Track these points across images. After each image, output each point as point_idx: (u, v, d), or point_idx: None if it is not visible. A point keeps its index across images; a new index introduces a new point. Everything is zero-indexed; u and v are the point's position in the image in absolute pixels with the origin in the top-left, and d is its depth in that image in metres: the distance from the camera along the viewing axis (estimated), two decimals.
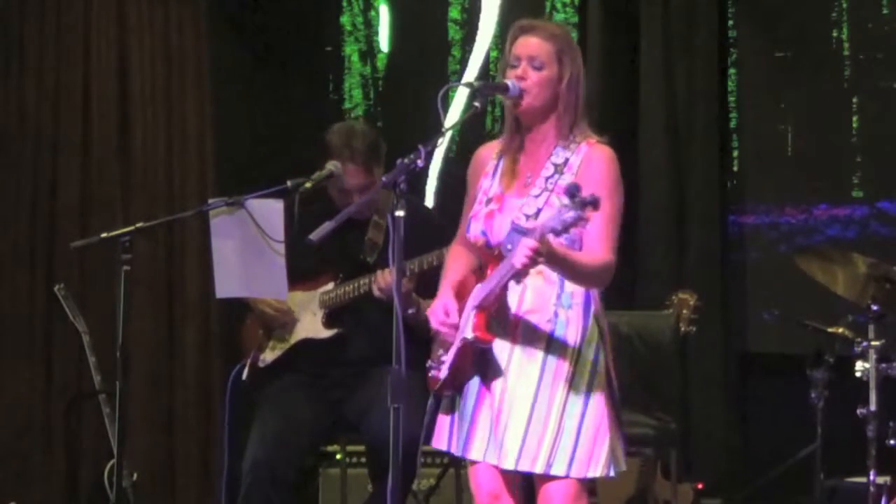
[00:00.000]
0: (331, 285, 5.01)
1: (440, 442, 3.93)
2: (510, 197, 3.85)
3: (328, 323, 5.01)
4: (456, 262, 4.01)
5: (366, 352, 4.93)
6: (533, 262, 3.53)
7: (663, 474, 5.92)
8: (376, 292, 4.78)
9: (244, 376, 5.06)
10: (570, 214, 3.37)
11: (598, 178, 3.76)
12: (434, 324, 3.84)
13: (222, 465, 5.03)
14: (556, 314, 3.78)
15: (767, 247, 6.78)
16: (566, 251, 3.63)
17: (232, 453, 4.95)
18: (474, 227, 3.89)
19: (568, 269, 3.67)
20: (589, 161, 3.80)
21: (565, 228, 3.39)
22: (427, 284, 4.53)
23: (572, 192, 3.37)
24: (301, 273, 4.93)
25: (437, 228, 4.69)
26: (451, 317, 3.81)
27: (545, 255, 3.52)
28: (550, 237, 3.49)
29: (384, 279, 4.76)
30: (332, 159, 4.93)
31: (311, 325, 5.03)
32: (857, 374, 5.02)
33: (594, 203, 3.35)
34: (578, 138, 3.83)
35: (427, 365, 3.95)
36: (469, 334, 3.75)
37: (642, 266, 6.71)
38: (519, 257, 3.53)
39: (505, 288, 3.73)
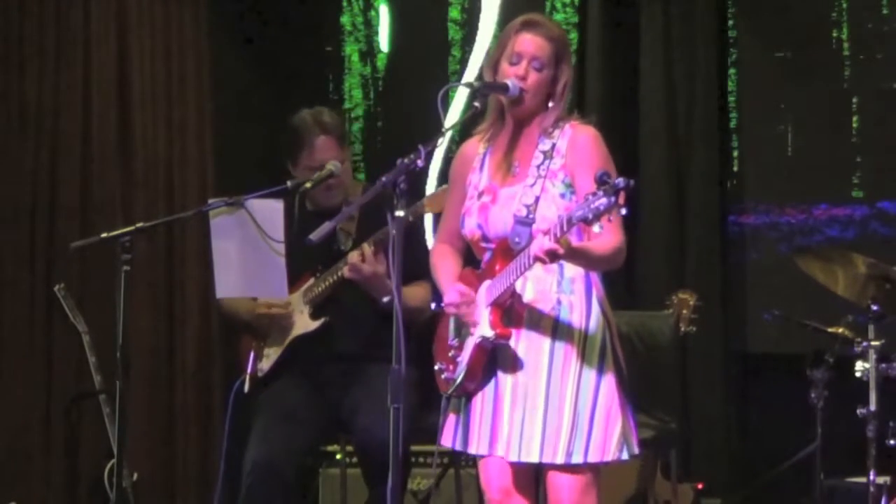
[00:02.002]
0: (311, 280, 5.04)
1: (447, 440, 3.94)
2: (500, 188, 3.87)
3: (314, 315, 5.04)
4: (446, 261, 4.03)
5: (353, 344, 4.96)
6: (552, 260, 3.55)
7: (663, 474, 5.92)
8: (347, 273, 4.83)
9: (246, 389, 5.07)
10: (601, 202, 3.35)
11: (588, 158, 3.80)
12: (453, 309, 3.84)
13: (219, 475, 5.04)
14: (558, 301, 3.81)
15: (767, 247, 6.78)
16: (582, 245, 3.64)
17: (228, 467, 4.95)
18: (469, 223, 3.90)
19: (585, 260, 3.69)
20: (575, 142, 3.83)
21: (597, 217, 3.37)
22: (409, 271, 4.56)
23: (603, 178, 3.36)
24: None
25: None
26: (467, 294, 3.82)
27: (565, 253, 3.52)
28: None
29: (353, 257, 4.82)
30: (301, 137, 5.06)
31: (300, 323, 5.07)
32: (857, 374, 5.02)
33: (628, 187, 3.34)
34: (561, 123, 3.87)
35: (437, 367, 3.95)
36: (489, 332, 3.76)
37: (642, 266, 6.71)
38: (534, 254, 3.53)
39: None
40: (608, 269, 3.83)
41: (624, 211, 3.36)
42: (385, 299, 4.74)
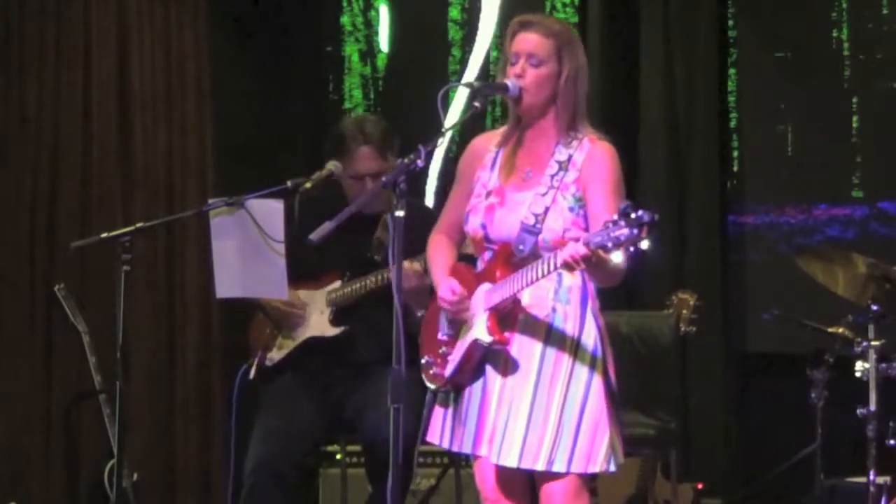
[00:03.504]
0: (338, 283, 5.01)
1: (434, 436, 3.93)
2: (509, 191, 3.86)
3: (335, 321, 5.01)
4: (441, 253, 4.02)
5: (372, 354, 4.92)
6: (579, 267, 3.53)
7: (663, 474, 5.91)
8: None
9: (251, 375, 5.06)
10: (622, 232, 3.36)
11: (603, 175, 3.79)
12: (446, 306, 3.84)
13: (228, 464, 5.02)
14: (553, 309, 3.80)
15: (767, 247, 6.78)
16: (606, 256, 3.60)
17: (238, 453, 4.94)
18: (473, 221, 3.89)
19: (603, 271, 3.64)
20: (592, 157, 3.82)
21: (616, 247, 3.38)
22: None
23: (626, 211, 3.36)
24: (308, 271, 4.94)
25: None
26: (459, 291, 3.81)
27: (595, 261, 3.50)
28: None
29: (405, 270, 4.71)
30: (345, 144, 4.94)
31: (318, 324, 5.04)
32: (857, 374, 5.03)
33: (651, 223, 3.34)
34: (580, 135, 3.84)
35: (425, 361, 3.94)
36: (486, 337, 3.75)
37: (642, 266, 6.69)
38: (564, 259, 3.51)
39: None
40: (606, 286, 3.81)
41: (645, 245, 3.36)
42: (419, 314, 4.71)
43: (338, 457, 5.76)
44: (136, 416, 6.20)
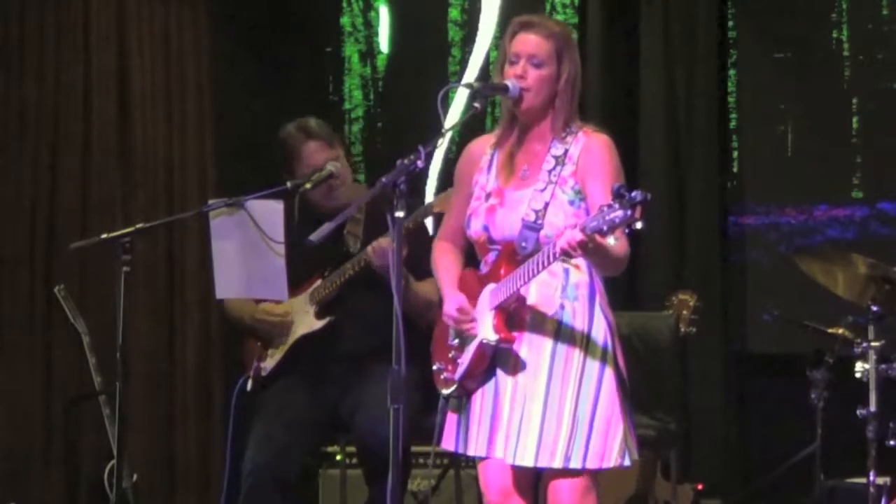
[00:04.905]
0: (319, 282, 5.04)
1: (448, 442, 3.93)
2: (508, 191, 3.86)
3: (320, 314, 5.02)
4: (446, 259, 4.02)
5: (360, 343, 4.94)
6: (578, 254, 3.53)
7: (663, 474, 5.91)
8: (376, 261, 4.75)
9: (248, 388, 5.07)
10: (617, 214, 3.36)
11: (599, 165, 3.79)
12: (452, 324, 3.85)
13: (223, 474, 5.04)
14: (562, 306, 3.80)
15: (767, 247, 6.78)
16: (605, 242, 3.59)
17: (233, 466, 4.95)
18: (475, 224, 3.89)
19: (604, 258, 3.64)
20: (588, 149, 3.82)
21: (612, 229, 3.38)
22: (415, 261, 4.54)
23: (620, 192, 3.36)
24: (292, 280, 4.95)
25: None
26: (467, 312, 3.81)
27: (593, 247, 3.49)
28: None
29: (378, 244, 4.74)
30: (290, 148, 5.03)
31: (305, 322, 5.06)
32: (857, 375, 5.03)
33: (645, 200, 3.34)
34: (574, 128, 3.85)
35: (436, 367, 3.94)
36: (492, 336, 3.75)
37: (642, 266, 6.71)
38: (562, 246, 3.51)
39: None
40: (612, 275, 3.82)
41: (639, 225, 3.36)
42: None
43: (337, 457, 5.76)
44: (136, 417, 6.19)
